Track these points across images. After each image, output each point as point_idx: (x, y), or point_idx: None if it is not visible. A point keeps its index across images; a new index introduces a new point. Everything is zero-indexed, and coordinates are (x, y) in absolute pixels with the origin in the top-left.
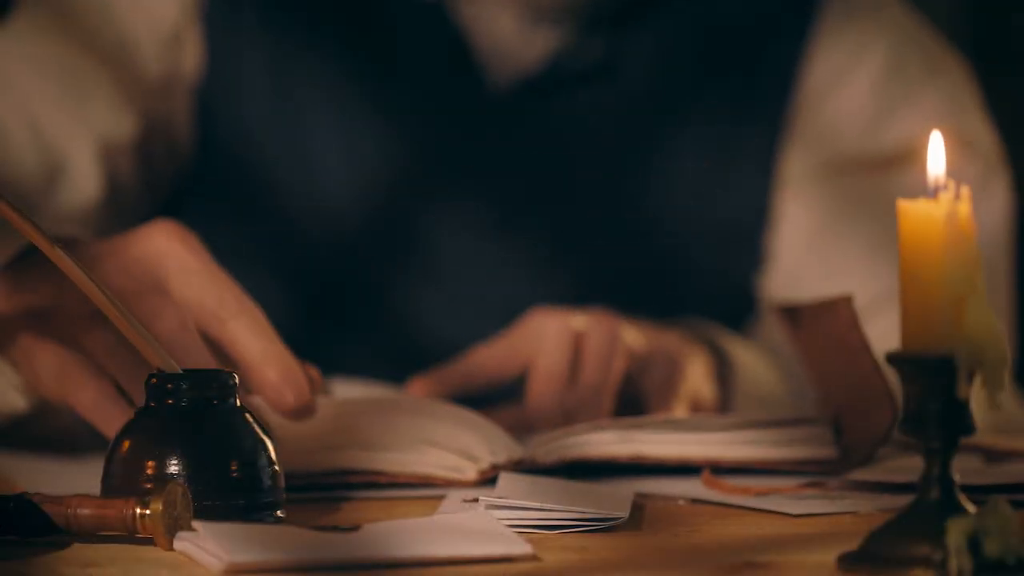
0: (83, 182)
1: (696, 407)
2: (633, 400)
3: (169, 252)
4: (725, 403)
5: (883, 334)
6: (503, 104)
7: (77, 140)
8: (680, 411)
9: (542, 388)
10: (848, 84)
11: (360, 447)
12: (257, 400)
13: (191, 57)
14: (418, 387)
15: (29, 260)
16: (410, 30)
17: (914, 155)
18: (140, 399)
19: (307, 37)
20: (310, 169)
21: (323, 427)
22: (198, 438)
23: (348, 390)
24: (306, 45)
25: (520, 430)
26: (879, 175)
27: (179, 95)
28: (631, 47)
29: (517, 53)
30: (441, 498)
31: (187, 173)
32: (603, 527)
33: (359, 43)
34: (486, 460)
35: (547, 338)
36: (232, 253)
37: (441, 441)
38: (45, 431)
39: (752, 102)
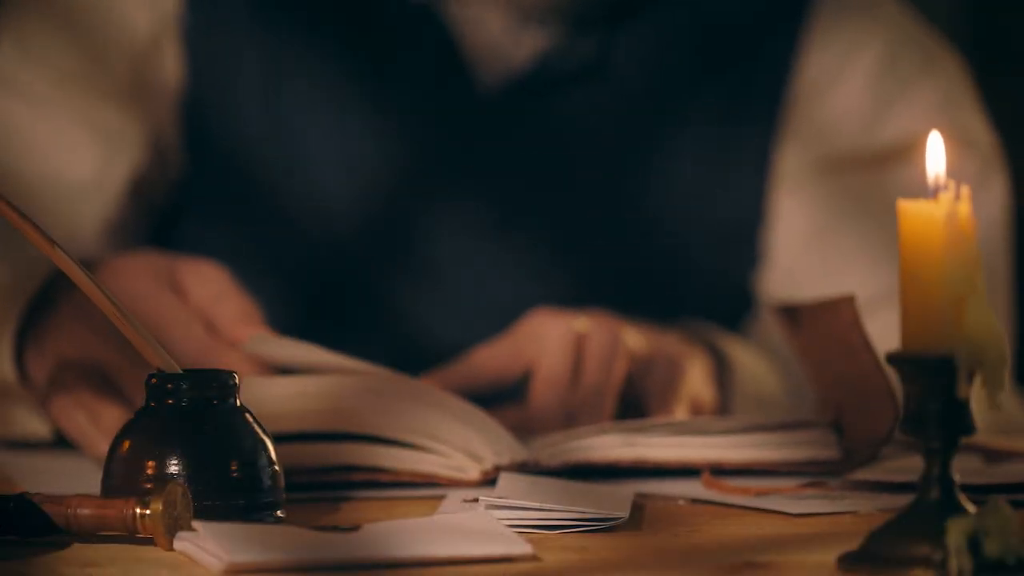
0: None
1: (696, 409)
2: (633, 402)
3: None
4: (724, 405)
5: (881, 332)
6: (500, 104)
7: (37, 192)
8: (680, 413)
9: (544, 390)
10: (843, 81)
11: (364, 434)
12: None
13: (172, 67)
14: None
15: (47, 312)
16: (403, 31)
17: (910, 151)
18: None
19: (302, 38)
20: (308, 170)
21: (329, 404)
22: (198, 438)
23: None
24: (301, 46)
25: (522, 431)
26: (875, 172)
27: (162, 106)
28: (625, 46)
29: (506, 53)
30: (441, 498)
31: (183, 178)
32: (603, 527)
33: (354, 44)
34: (489, 460)
35: (549, 340)
36: (232, 253)
37: (446, 437)
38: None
39: (749, 100)
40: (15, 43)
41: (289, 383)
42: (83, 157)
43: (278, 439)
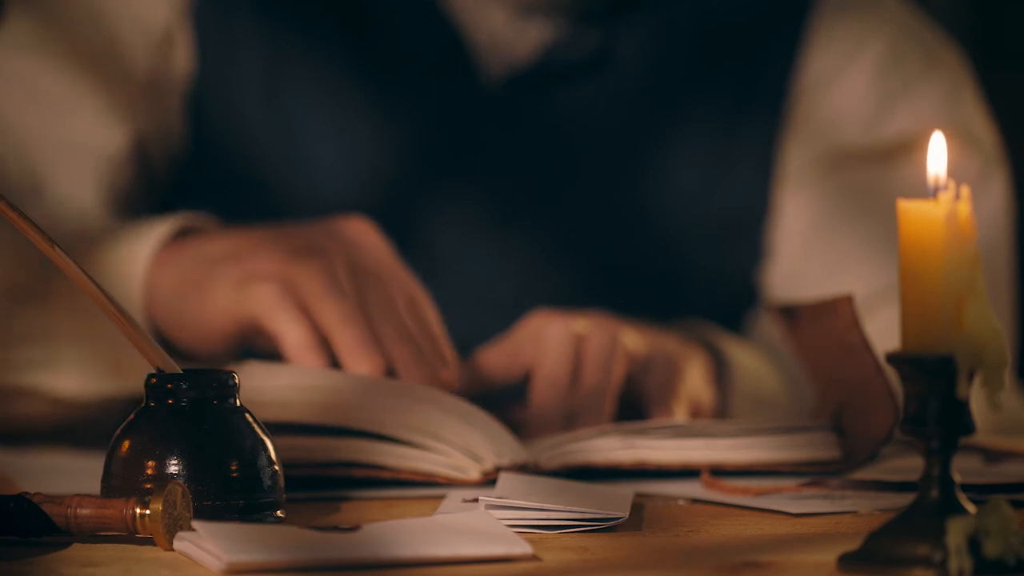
0: (70, 196)
1: (695, 409)
2: (633, 403)
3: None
4: (724, 405)
5: (883, 328)
6: (501, 100)
7: (61, 156)
8: (680, 414)
9: (544, 392)
10: (846, 78)
11: (365, 431)
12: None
13: (183, 59)
14: None
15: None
16: (404, 25)
17: (913, 148)
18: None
19: (302, 35)
20: (307, 167)
21: (331, 399)
22: (198, 438)
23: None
24: (301, 43)
25: (522, 433)
26: (878, 168)
27: (171, 97)
28: (627, 40)
29: (510, 46)
30: (441, 498)
31: (184, 173)
32: (603, 527)
33: (357, 38)
34: (490, 461)
35: (548, 342)
36: None
37: (447, 436)
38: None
39: (751, 97)
40: (36, 18)
41: (293, 374)
42: (100, 127)
43: (278, 428)
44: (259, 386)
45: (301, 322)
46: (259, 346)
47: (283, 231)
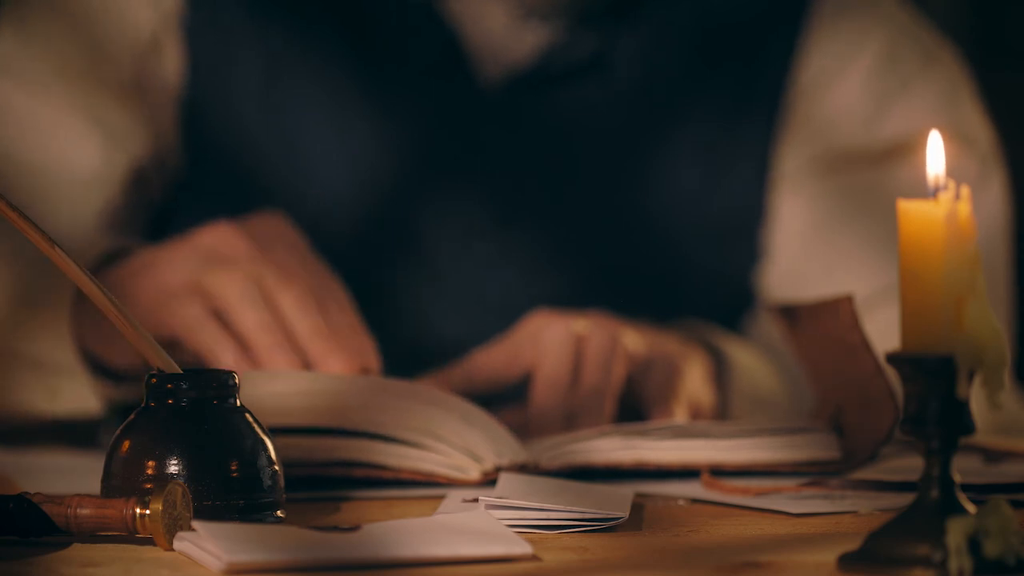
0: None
1: (695, 410)
2: (633, 404)
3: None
4: (724, 405)
5: (882, 328)
6: (500, 101)
7: (39, 182)
8: (680, 414)
9: (544, 392)
10: (844, 79)
11: (366, 432)
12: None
13: (172, 64)
14: None
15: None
16: (404, 27)
17: (910, 149)
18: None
19: (300, 35)
20: (306, 170)
21: (331, 402)
22: (198, 438)
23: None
24: (299, 43)
25: (522, 434)
26: (875, 169)
27: (163, 105)
28: (625, 42)
29: (507, 49)
30: (441, 498)
31: (180, 180)
32: (603, 527)
33: (355, 41)
34: (491, 461)
35: (548, 343)
36: None
37: (448, 437)
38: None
39: (749, 97)
40: (16, 32)
41: (291, 380)
42: (83, 147)
43: (279, 432)
44: (259, 394)
45: (227, 340)
46: (179, 358)
47: (192, 240)
